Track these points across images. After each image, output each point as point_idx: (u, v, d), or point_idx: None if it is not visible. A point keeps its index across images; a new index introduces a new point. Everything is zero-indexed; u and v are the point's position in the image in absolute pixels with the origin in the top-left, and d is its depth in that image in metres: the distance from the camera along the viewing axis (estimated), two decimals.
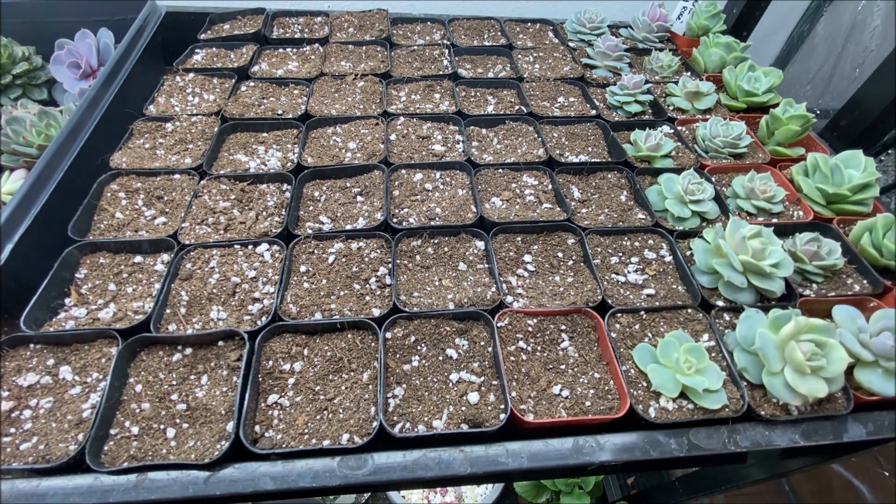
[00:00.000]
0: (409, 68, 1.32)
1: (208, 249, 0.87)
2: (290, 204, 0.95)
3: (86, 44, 1.20)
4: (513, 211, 0.98)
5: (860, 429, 0.71)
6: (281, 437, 0.67)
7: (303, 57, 1.35)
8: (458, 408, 0.70)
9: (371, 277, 0.86)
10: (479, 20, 1.53)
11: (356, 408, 0.70)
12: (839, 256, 0.88)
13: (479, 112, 1.20)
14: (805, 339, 0.70)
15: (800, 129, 1.10)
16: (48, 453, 0.64)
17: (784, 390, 0.70)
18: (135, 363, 0.73)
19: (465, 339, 0.78)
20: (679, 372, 0.72)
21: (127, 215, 0.92)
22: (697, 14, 1.44)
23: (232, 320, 0.78)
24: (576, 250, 0.92)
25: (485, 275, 0.87)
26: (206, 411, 0.69)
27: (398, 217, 0.95)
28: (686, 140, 1.15)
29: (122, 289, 0.83)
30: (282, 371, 0.74)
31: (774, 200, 0.98)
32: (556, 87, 1.29)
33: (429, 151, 1.09)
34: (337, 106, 1.19)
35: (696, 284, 0.86)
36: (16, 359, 0.73)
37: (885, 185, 1.43)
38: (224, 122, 1.12)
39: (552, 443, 0.67)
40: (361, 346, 0.77)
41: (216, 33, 1.40)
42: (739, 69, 1.26)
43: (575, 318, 0.82)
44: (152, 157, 1.03)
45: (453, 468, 0.65)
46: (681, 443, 0.68)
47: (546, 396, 0.73)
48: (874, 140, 1.20)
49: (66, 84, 1.21)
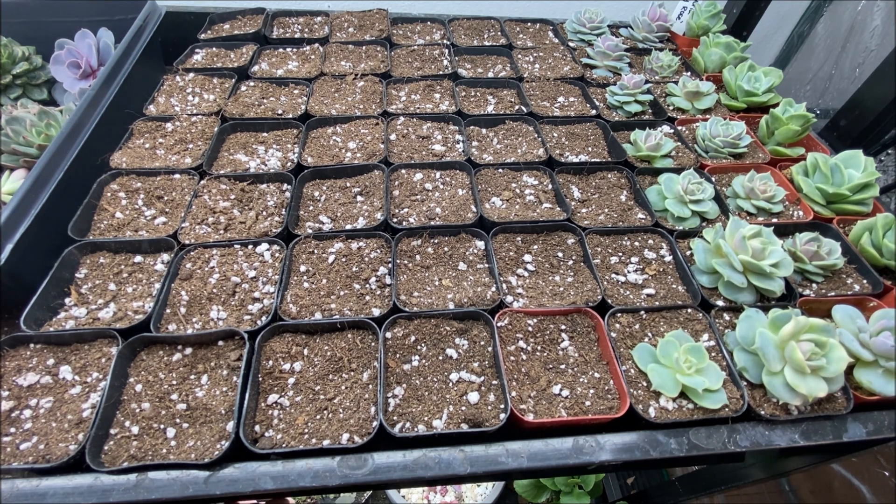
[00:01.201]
0: (409, 68, 1.32)
1: (208, 249, 0.87)
2: (290, 204, 0.95)
3: (86, 44, 1.20)
4: (513, 211, 0.98)
5: (860, 429, 0.71)
6: (281, 437, 0.67)
7: (303, 57, 1.35)
8: (458, 407, 0.70)
9: (371, 277, 0.86)
10: (479, 20, 1.53)
11: (356, 407, 0.70)
12: (839, 256, 0.88)
13: (479, 112, 1.20)
14: (805, 339, 0.70)
15: (800, 128, 1.10)
16: (48, 453, 0.64)
17: (784, 390, 0.70)
18: (135, 363, 0.73)
19: (465, 338, 0.78)
20: (679, 372, 0.72)
21: (127, 215, 0.92)
22: (697, 14, 1.44)
23: (232, 320, 0.78)
24: (576, 250, 0.92)
25: (485, 275, 0.87)
26: (206, 411, 0.69)
27: (398, 217, 0.95)
28: (686, 140, 1.15)
29: (122, 289, 0.83)
30: (282, 371, 0.74)
31: (774, 200, 0.98)
32: (556, 87, 1.29)
33: (429, 151, 1.09)
34: (337, 106, 1.19)
35: (696, 284, 0.86)
36: (16, 359, 0.73)
37: (884, 184, 1.43)
38: (224, 121, 1.12)
39: (552, 442, 0.67)
40: (361, 345, 0.77)
41: (216, 33, 1.40)
42: (739, 69, 1.26)
43: (575, 318, 0.82)
44: (152, 156, 1.03)
45: (453, 468, 0.65)
46: (681, 442, 0.68)
47: (546, 396, 0.73)
48: (874, 140, 1.21)
49: (66, 84, 1.21)
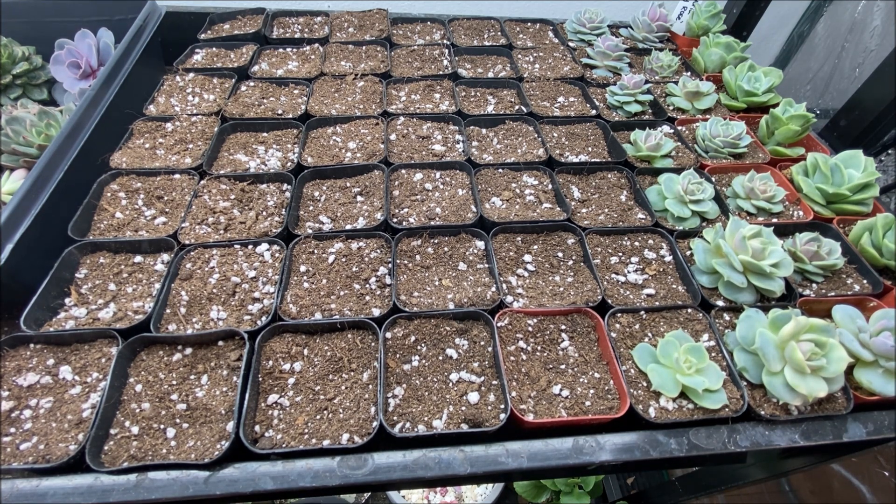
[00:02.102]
0: (409, 68, 1.32)
1: (208, 249, 0.87)
2: (290, 204, 0.95)
3: (86, 44, 1.20)
4: (513, 211, 0.97)
5: (860, 429, 0.71)
6: (281, 437, 0.67)
7: (303, 57, 1.35)
8: (458, 407, 0.70)
9: (371, 277, 0.86)
10: (479, 20, 1.53)
11: (356, 408, 0.70)
12: (839, 256, 0.88)
13: (479, 112, 1.20)
14: (805, 339, 0.70)
15: (800, 128, 1.10)
16: (48, 453, 0.64)
17: (784, 390, 0.70)
18: (135, 363, 0.73)
19: (465, 338, 0.78)
20: (679, 372, 0.72)
21: (127, 215, 0.92)
22: (697, 14, 1.44)
23: (232, 320, 0.78)
24: (576, 250, 0.92)
25: (485, 275, 0.87)
26: (206, 411, 0.69)
27: (398, 217, 0.95)
28: (686, 140, 1.15)
29: (122, 289, 0.83)
30: (282, 371, 0.74)
31: (774, 200, 0.98)
32: (556, 87, 1.29)
33: (429, 151, 1.09)
34: (337, 106, 1.19)
35: (696, 284, 0.86)
36: (16, 359, 0.73)
37: (884, 184, 1.43)
38: (224, 121, 1.12)
39: (552, 442, 0.67)
40: (361, 345, 0.77)
41: (216, 33, 1.40)
42: (739, 69, 1.26)
43: (575, 318, 0.82)
44: (152, 156, 1.03)
45: (453, 468, 0.65)
46: (681, 442, 0.68)
47: (546, 396, 0.73)
48: (874, 140, 1.21)
49: (66, 84, 1.21)
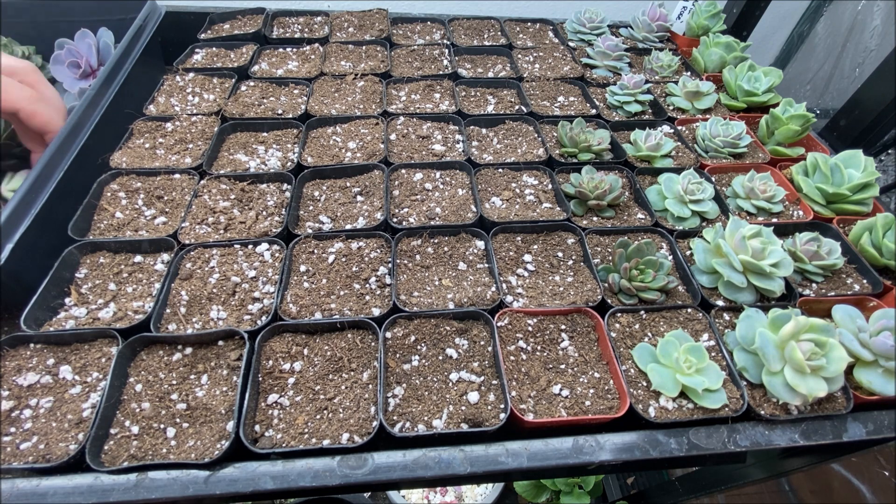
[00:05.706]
0: (409, 68, 1.32)
1: (208, 249, 0.87)
2: (290, 203, 0.95)
3: (86, 43, 1.19)
4: (513, 210, 0.98)
5: (860, 428, 0.71)
6: (281, 437, 0.67)
7: (303, 57, 1.35)
8: (457, 407, 0.70)
9: (371, 277, 0.86)
10: (479, 20, 1.53)
11: (356, 407, 0.70)
12: (839, 256, 0.88)
13: (479, 112, 1.20)
14: (805, 339, 0.70)
15: (800, 128, 1.10)
16: (48, 453, 0.64)
17: (784, 390, 0.70)
18: (135, 363, 0.73)
19: (464, 338, 0.78)
20: (679, 371, 0.72)
21: (127, 215, 0.92)
22: (697, 14, 1.44)
23: (232, 320, 0.78)
24: (576, 250, 0.92)
25: (485, 274, 0.87)
26: (206, 411, 0.69)
27: (398, 217, 0.95)
28: (686, 140, 1.15)
29: (122, 288, 0.83)
30: (282, 370, 0.74)
31: (774, 200, 0.98)
32: (556, 87, 1.29)
33: (429, 151, 1.09)
34: (337, 106, 1.19)
35: (695, 284, 0.86)
36: (16, 358, 0.72)
37: (884, 184, 1.43)
38: (224, 121, 1.12)
39: (552, 442, 0.67)
40: (361, 345, 0.77)
41: (216, 33, 1.40)
42: (739, 69, 1.26)
43: (575, 318, 0.82)
44: (152, 156, 1.03)
45: (453, 467, 0.65)
46: (680, 442, 0.68)
47: (546, 396, 0.73)
48: (874, 140, 1.21)
49: (66, 84, 1.20)
